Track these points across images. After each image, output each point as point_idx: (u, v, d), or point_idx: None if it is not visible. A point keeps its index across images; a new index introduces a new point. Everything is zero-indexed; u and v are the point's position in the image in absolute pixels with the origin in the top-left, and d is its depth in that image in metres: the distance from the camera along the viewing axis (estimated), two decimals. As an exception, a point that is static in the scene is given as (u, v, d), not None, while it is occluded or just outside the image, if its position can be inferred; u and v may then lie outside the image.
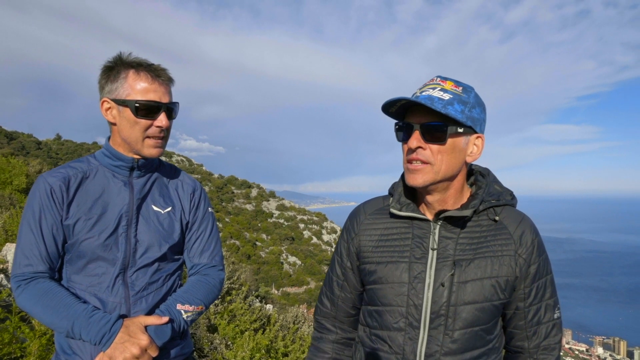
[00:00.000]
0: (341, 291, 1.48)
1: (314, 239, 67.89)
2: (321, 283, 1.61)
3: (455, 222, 1.29)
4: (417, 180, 1.24)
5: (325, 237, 69.93)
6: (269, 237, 64.95)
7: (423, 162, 1.23)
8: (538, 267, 1.29)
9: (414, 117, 1.24)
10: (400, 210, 1.33)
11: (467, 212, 1.25)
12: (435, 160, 1.22)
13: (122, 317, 1.42)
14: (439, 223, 1.30)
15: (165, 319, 1.44)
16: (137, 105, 1.42)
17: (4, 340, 2.74)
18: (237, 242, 57.41)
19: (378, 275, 1.33)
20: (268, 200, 74.90)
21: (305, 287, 54.69)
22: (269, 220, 69.47)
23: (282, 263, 59.19)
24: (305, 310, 8.43)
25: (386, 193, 1.48)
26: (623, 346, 75.60)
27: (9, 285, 4.72)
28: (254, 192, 75.21)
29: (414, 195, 1.39)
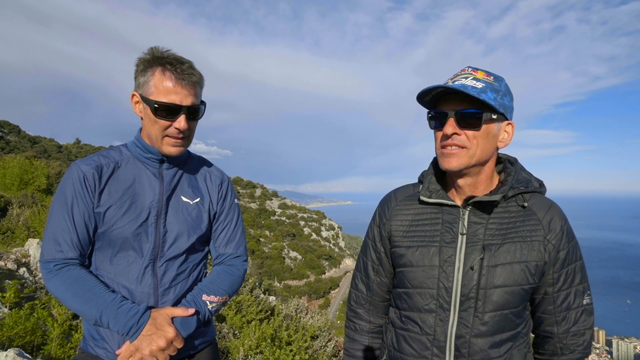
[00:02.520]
0: (376, 275, 1.42)
1: (314, 235, 67.93)
2: (321, 276, 1.57)
3: (484, 207, 1.24)
4: (452, 163, 1.19)
5: (324, 234, 70.01)
6: (272, 234, 64.91)
7: (459, 147, 1.18)
8: (567, 253, 1.23)
9: (447, 106, 1.19)
10: (429, 197, 1.28)
11: (497, 197, 1.20)
12: (470, 144, 1.18)
13: (150, 307, 1.34)
14: (468, 209, 1.25)
15: (192, 310, 1.36)
16: (156, 106, 1.34)
17: (26, 329, 2.74)
18: (243, 239, 57.13)
19: (409, 258, 1.28)
20: (271, 200, 74.80)
21: (305, 280, 54.63)
22: (271, 218, 69.41)
23: (284, 258, 59.14)
24: (305, 302, 8.42)
25: (383, 191, 1.46)
26: (602, 335, 75.52)
27: (31, 279, 4.69)
28: (258, 192, 75.11)
29: (443, 181, 1.34)
